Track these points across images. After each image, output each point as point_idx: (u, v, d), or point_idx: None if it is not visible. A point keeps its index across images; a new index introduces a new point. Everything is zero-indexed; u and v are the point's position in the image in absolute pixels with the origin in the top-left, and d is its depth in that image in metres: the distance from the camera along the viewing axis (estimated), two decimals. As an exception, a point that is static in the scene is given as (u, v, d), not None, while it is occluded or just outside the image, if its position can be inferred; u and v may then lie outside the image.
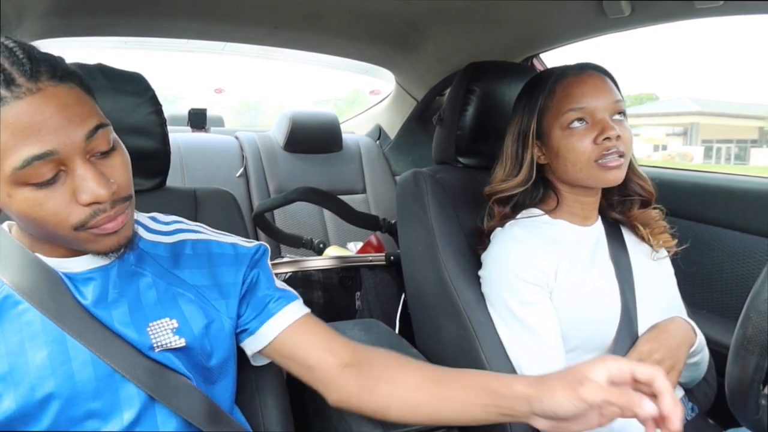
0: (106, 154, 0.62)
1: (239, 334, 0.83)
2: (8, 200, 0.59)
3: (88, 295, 0.69)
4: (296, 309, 0.81)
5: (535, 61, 1.71)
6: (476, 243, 1.09)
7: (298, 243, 1.91)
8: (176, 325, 0.74)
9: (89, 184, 0.59)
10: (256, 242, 0.86)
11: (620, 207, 1.06)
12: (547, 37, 1.57)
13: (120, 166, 0.63)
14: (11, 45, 0.58)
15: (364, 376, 0.76)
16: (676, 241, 1.05)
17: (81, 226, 0.61)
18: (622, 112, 0.95)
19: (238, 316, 0.81)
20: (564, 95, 0.96)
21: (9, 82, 0.55)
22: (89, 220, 0.61)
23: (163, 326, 0.73)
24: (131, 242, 0.67)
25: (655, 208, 1.06)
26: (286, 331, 0.79)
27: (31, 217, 0.60)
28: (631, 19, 1.25)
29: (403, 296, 1.62)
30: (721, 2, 1.08)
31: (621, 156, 0.93)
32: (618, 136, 0.92)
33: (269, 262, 0.86)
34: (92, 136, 0.60)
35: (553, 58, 1.71)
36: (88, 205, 0.60)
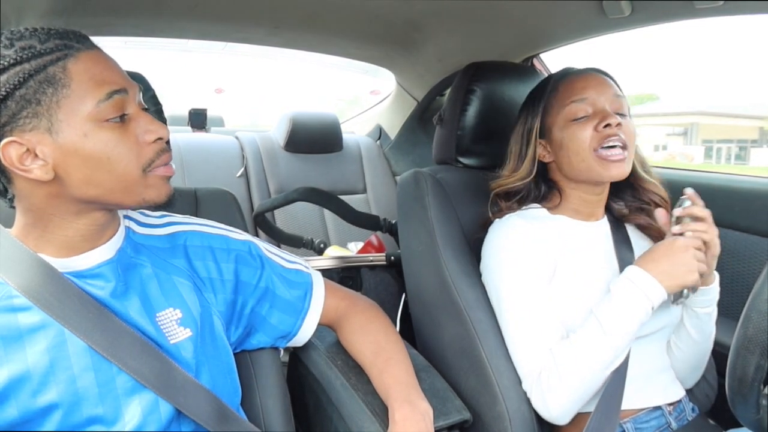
0: (145, 110, 0.71)
1: (279, 339, 0.90)
2: (84, 141, 0.63)
3: (103, 287, 0.70)
4: (319, 291, 0.91)
5: (535, 61, 1.71)
6: (476, 239, 1.09)
7: (298, 243, 1.91)
8: (180, 315, 0.75)
9: (152, 125, 0.68)
10: (245, 236, 0.88)
11: (632, 212, 1.06)
12: (547, 37, 1.57)
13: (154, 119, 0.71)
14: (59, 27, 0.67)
15: (342, 328, 0.95)
16: None
17: (149, 164, 0.68)
18: (623, 114, 0.97)
19: (263, 321, 0.86)
20: (567, 89, 1.00)
21: (77, 39, 0.65)
22: (156, 158, 0.68)
23: (168, 317, 0.74)
24: (174, 195, 0.73)
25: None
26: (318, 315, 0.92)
27: (105, 157, 0.64)
28: (631, 19, 1.25)
29: (403, 296, 1.62)
30: (721, 2, 1.08)
31: (624, 148, 0.95)
32: (619, 124, 0.94)
33: (269, 252, 0.89)
34: (140, 92, 0.70)
35: (553, 58, 1.71)
36: (152, 143, 0.68)
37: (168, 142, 0.71)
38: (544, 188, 1.05)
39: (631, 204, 1.06)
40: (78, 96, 0.63)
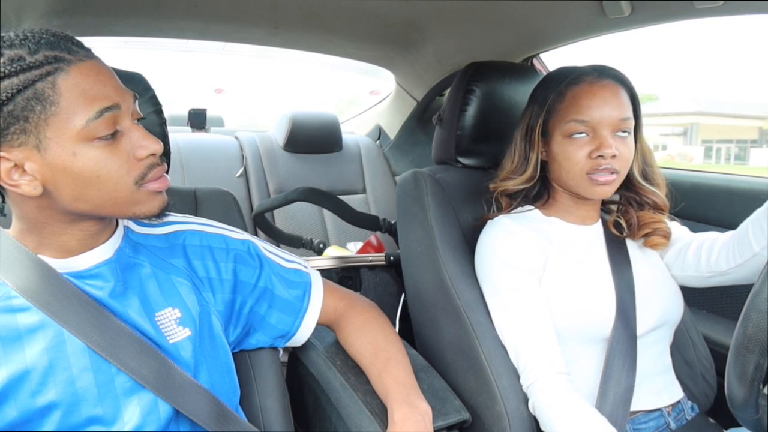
0: (139, 120, 0.69)
1: (278, 339, 0.89)
2: (72, 159, 0.62)
3: (102, 288, 0.70)
4: (317, 291, 0.91)
5: (535, 61, 1.71)
6: (475, 240, 1.09)
7: (298, 243, 1.91)
8: (179, 315, 0.75)
9: (145, 141, 0.66)
10: (244, 235, 0.88)
11: (619, 210, 1.05)
12: (547, 37, 1.57)
13: (148, 131, 0.69)
14: (52, 30, 0.65)
15: (340, 328, 0.95)
16: (666, 242, 1.03)
17: (141, 179, 0.66)
18: (626, 130, 0.94)
19: (262, 321, 0.86)
20: (572, 103, 0.95)
21: (68, 49, 0.63)
22: (147, 172, 0.67)
23: (167, 317, 0.74)
24: (168, 205, 0.72)
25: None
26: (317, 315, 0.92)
27: (95, 175, 0.63)
28: (631, 19, 1.25)
29: (402, 296, 1.62)
30: (721, 2, 1.08)
31: (613, 173, 0.93)
32: (613, 156, 0.92)
33: (268, 252, 0.89)
34: (136, 100, 0.68)
35: (553, 58, 1.71)
36: (144, 159, 0.66)
37: (165, 154, 0.70)
38: (538, 187, 1.05)
39: (625, 199, 1.04)
40: (67, 114, 0.61)
